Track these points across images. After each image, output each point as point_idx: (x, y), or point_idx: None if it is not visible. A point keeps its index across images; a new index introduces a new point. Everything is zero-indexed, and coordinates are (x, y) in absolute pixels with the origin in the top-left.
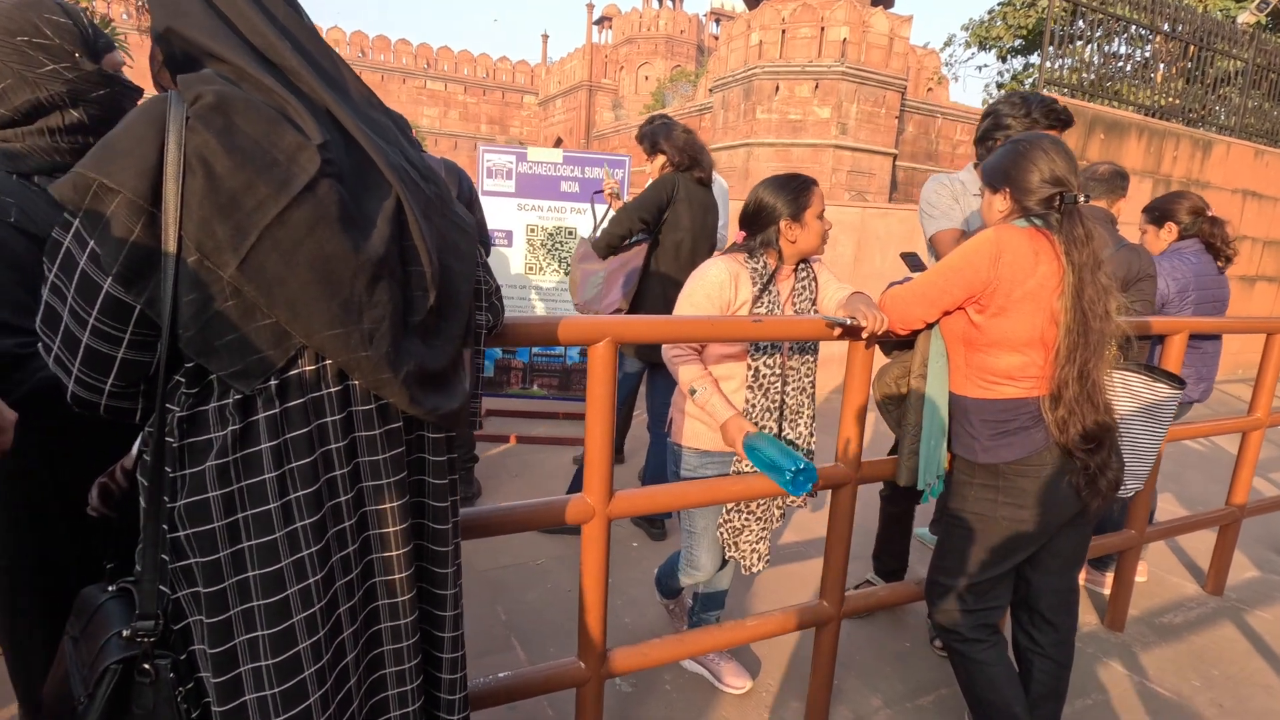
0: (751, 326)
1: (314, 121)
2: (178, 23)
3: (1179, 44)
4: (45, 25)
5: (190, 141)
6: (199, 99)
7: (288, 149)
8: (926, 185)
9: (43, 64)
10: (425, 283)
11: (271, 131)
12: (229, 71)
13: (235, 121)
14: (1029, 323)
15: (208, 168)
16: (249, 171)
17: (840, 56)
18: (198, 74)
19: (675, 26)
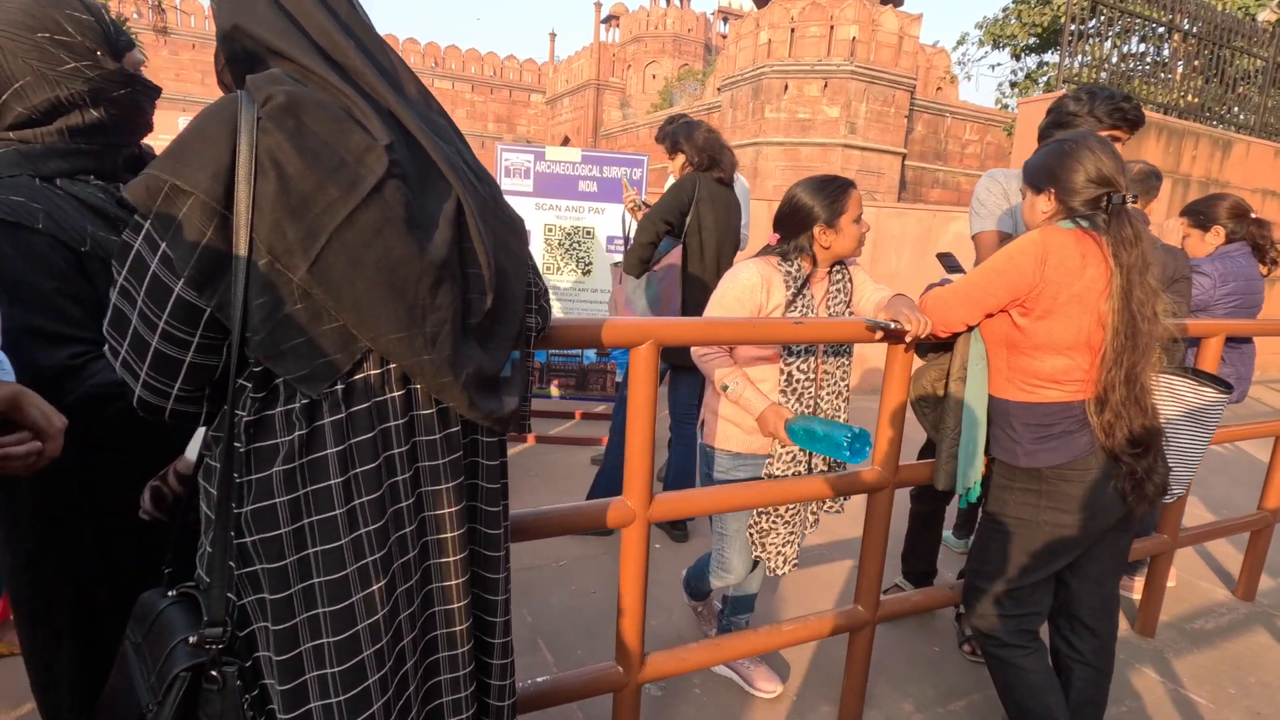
0: (792, 328)
1: (379, 122)
2: (245, 19)
3: (1197, 42)
4: (67, 22)
5: (262, 143)
6: (270, 99)
7: (356, 150)
8: (980, 181)
9: (64, 61)
10: (484, 285)
11: (340, 132)
12: (295, 71)
13: (305, 122)
14: (1075, 326)
15: (280, 169)
16: (320, 173)
17: (849, 55)
18: (267, 74)
19: (683, 25)
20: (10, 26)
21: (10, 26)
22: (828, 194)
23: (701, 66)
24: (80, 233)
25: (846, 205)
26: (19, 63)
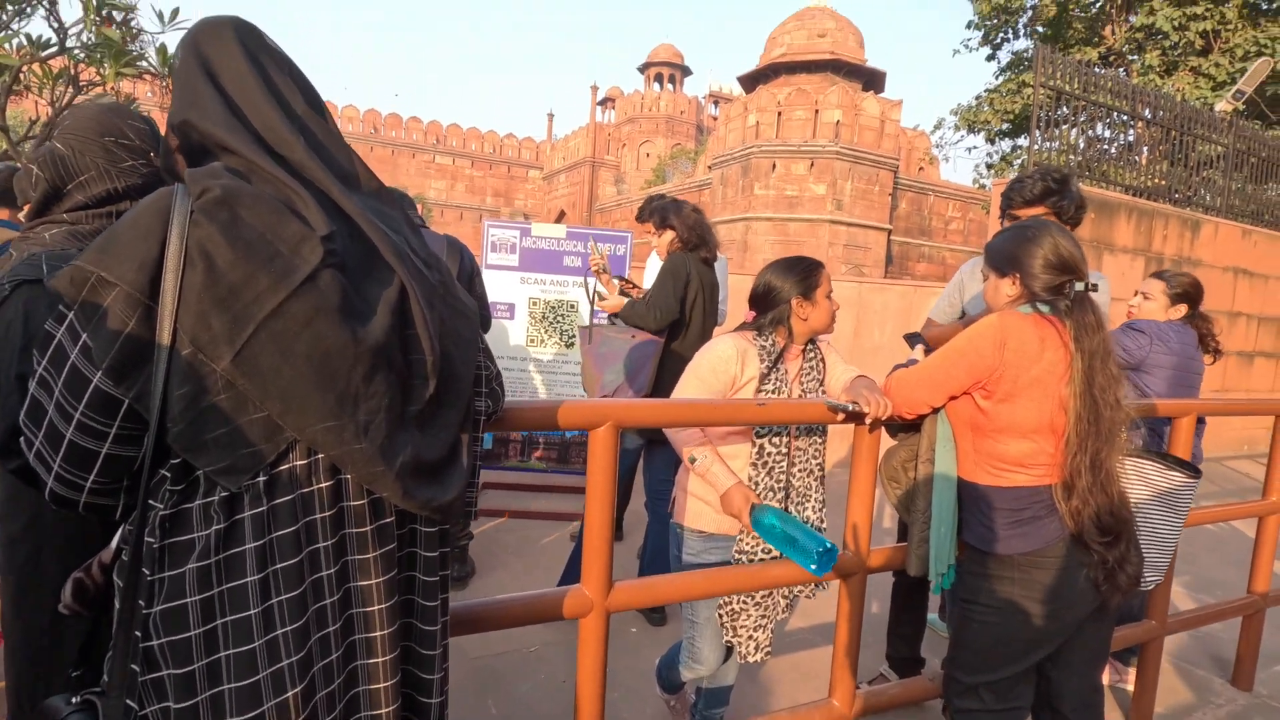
0: (755, 410)
1: (320, 212)
2: (194, 115)
3: (1160, 129)
4: (128, 129)
5: (193, 234)
6: (206, 192)
7: (291, 240)
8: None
9: (123, 160)
10: (426, 371)
11: (276, 223)
12: (239, 163)
13: (240, 214)
14: (1037, 409)
15: (209, 260)
16: (251, 263)
17: (834, 137)
18: (206, 168)
19: (675, 107)
20: (82, 130)
21: (82, 130)
22: (801, 270)
23: (693, 145)
24: None
25: (820, 280)
26: (85, 160)
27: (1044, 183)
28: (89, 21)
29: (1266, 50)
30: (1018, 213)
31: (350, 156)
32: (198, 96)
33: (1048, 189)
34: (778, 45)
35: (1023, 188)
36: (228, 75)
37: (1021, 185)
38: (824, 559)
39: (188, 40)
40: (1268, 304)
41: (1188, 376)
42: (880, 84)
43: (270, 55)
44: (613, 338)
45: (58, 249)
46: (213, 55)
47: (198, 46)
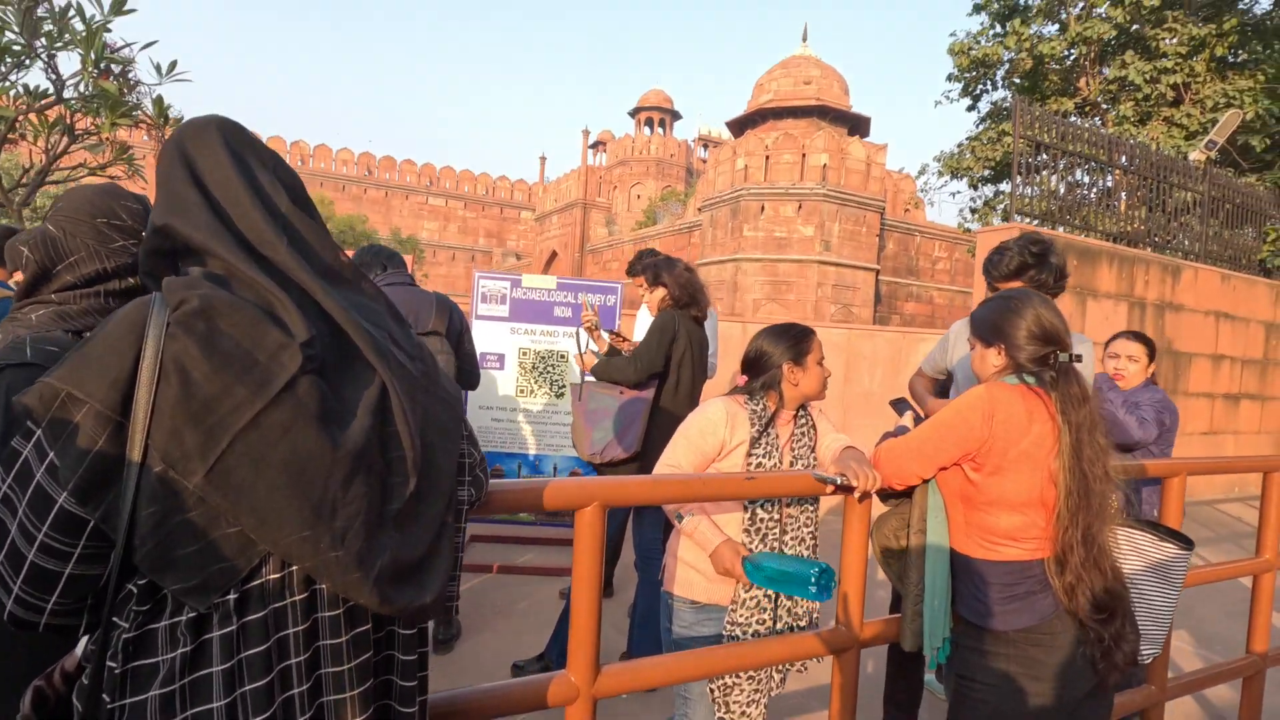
0: (745, 484)
1: (300, 317)
2: (176, 220)
3: (1137, 176)
4: (121, 209)
5: (169, 348)
6: (183, 304)
7: (270, 348)
8: (957, 323)
9: (114, 240)
10: (406, 468)
11: (255, 331)
12: (220, 267)
13: (218, 325)
14: (1027, 482)
15: (184, 374)
16: (228, 375)
17: (821, 180)
18: (184, 278)
19: (665, 151)
20: (75, 212)
21: (75, 212)
22: (792, 336)
23: (683, 188)
24: None
25: (810, 347)
26: (77, 241)
27: (1021, 257)
28: (87, 75)
29: (1235, 102)
30: (998, 285)
31: (334, 251)
32: (181, 200)
33: (1024, 264)
34: (765, 92)
35: (1001, 261)
36: (213, 177)
37: (1000, 259)
38: (822, 583)
39: (173, 142)
40: (1249, 347)
41: (1174, 434)
42: (865, 129)
43: (255, 153)
44: (602, 395)
45: (43, 331)
46: (198, 157)
47: (183, 149)
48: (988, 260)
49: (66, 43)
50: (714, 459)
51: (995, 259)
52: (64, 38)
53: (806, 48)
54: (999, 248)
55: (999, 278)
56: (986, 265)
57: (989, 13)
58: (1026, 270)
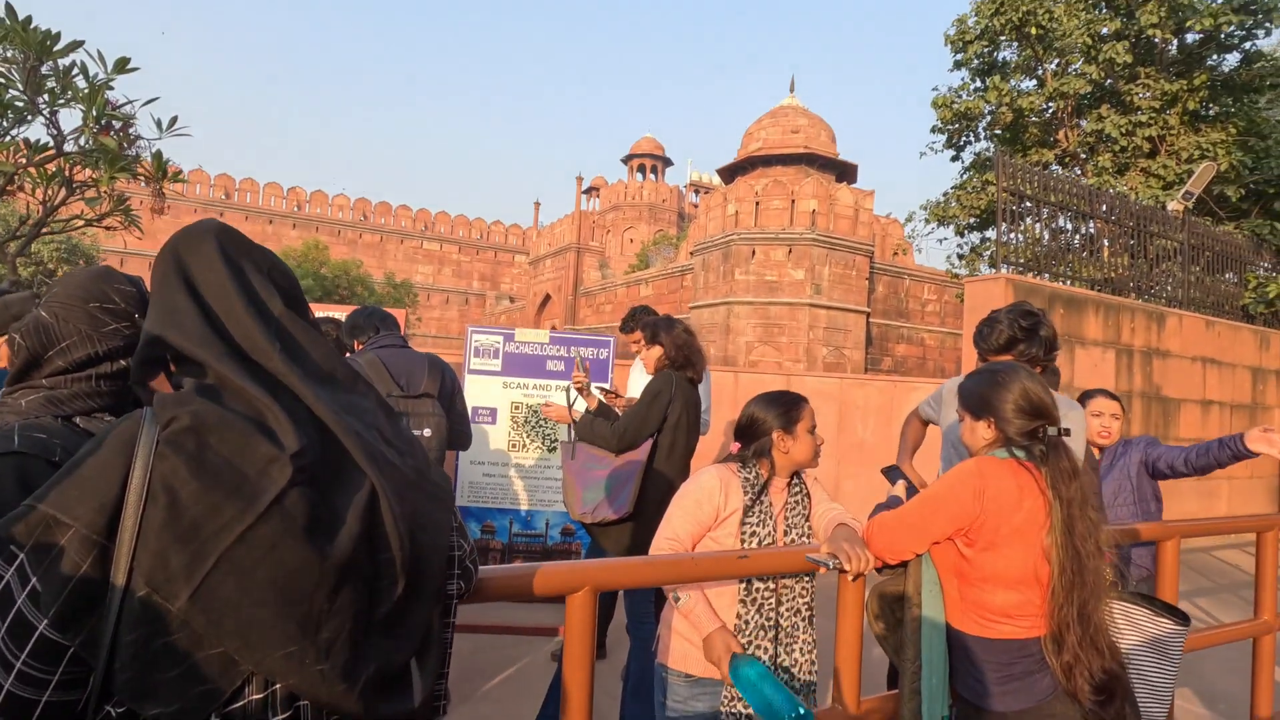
0: (739, 564)
1: (291, 426)
2: (169, 331)
3: (1117, 225)
4: (114, 293)
5: (158, 469)
6: (174, 422)
7: (260, 462)
8: (950, 380)
9: (107, 324)
10: (395, 571)
11: (245, 447)
12: (212, 377)
13: (208, 441)
14: (1020, 559)
15: (172, 495)
16: (216, 493)
17: (810, 225)
18: (176, 394)
19: (658, 196)
20: (69, 298)
21: (69, 298)
22: (783, 404)
23: (675, 232)
24: None
25: (801, 415)
26: (69, 326)
27: (1010, 331)
28: (88, 130)
29: (1209, 154)
30: (988, 357)
31: (327, 353)
32: (175, 310)
33: (1013, 338)
34: (754, 140)
35: (991, 334)
36: (207, 285)
37: (990, 331)
38: None
39: (169, 251)
40: (1237, 392)
41: None
42: (852, 175)
43: (250, 259)
44: (594, 455)
45: (33, 417)
46: (193, 265)
47: (179, 257)
48: (977, 332)
49: (69, 100)
50: (710, 527)
51: (985, 331)
52: (66, 95)
53: (794, 98)
54: (989, 319)
55: (989, 350)
56: (976, 337)
57: (969, 69)
58: (1016, 344)
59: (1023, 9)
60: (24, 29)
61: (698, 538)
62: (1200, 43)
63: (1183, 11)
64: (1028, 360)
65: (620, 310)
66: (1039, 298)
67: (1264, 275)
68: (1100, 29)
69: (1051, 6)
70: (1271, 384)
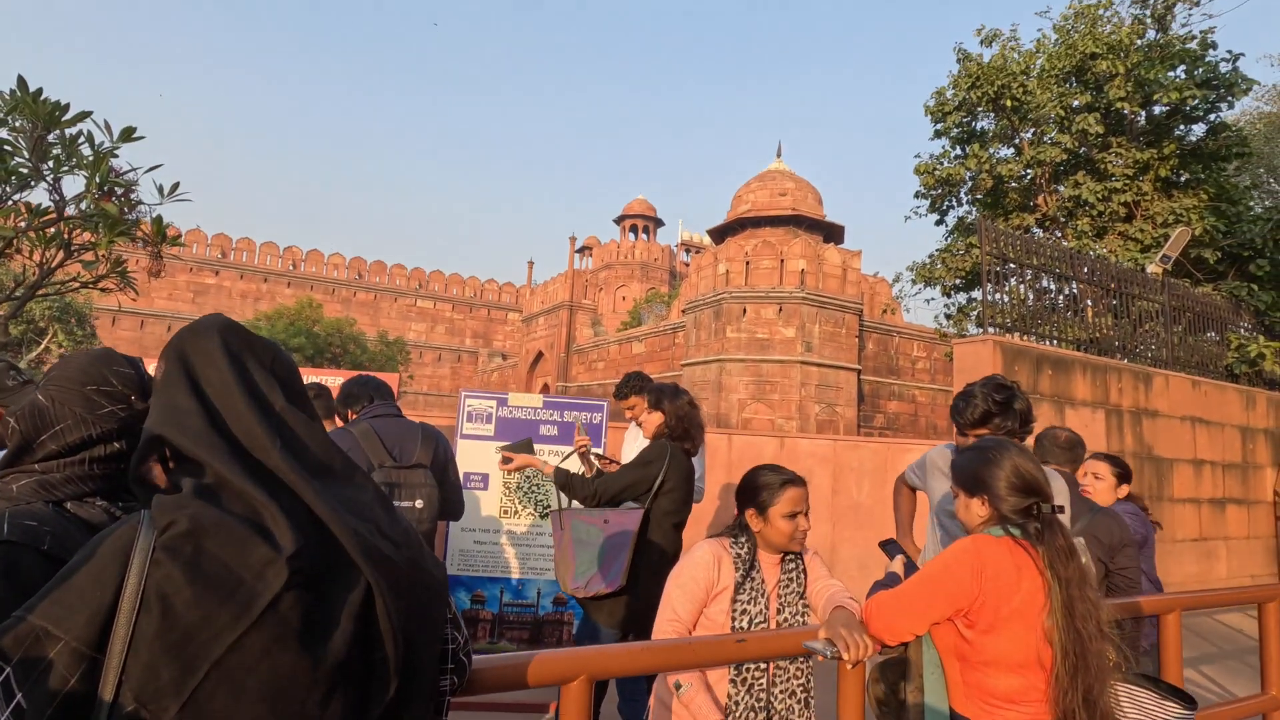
0: (735, 647)
1: (289, 526)
2: (170, 430)
3: (1099, 287)
4: (112, 375)
5: (153, 576)
6: (171, 526)
7: (256, 566)
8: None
9: (102, 407)
10: (389, 672)
11: (242, 550)
12: (211, 476)
13: (205, 546)
14: (1022, 642)
15: (166, 604)
16: (211, 600)
17: (800, 284)
18: (174, 497)
19: (649, 255)
20: (66, 381)
21: (66, 381)
22: (764, 482)
23: (667, 290)
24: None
25: (775, 500)
26: (64, 409)
27: (985, 405)
28: (90, 196)
29: (1183, 219)
30: (967, 432)
31: (326, 445)
32: (176, 409)
33: (988, 412)
34: (743, 202)
35: (967, 409)
36: (210, 383)
37: (966, 406)
38: None
39: (174, 347)
40: (1227, 451)
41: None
42: (839, 236)
43: (253, 354)
44: (585, 524)
45: (24, 502)
46: (197, 363)
47: (183, 354)
48: (953, 407)
49: (73, 167)
50: (706, 603)
51: (961, 406)
52: (71, 162)
53: (781, 162)
54: (964, 394)
55: (966, 425)
56: (953, 412)
57: (949, 137)
58: (991, 418)
59: (998, 83)
60: (34, 100)
61: (697, 615)
62: (1167, 115)
63: (1149, 86)
64: (1005, 433)
65: (613, 367)
66: (1027, 359)
67: (1245, 335)
68: (1072, 101)
69: (1025, 81)
70: (1260, 443)
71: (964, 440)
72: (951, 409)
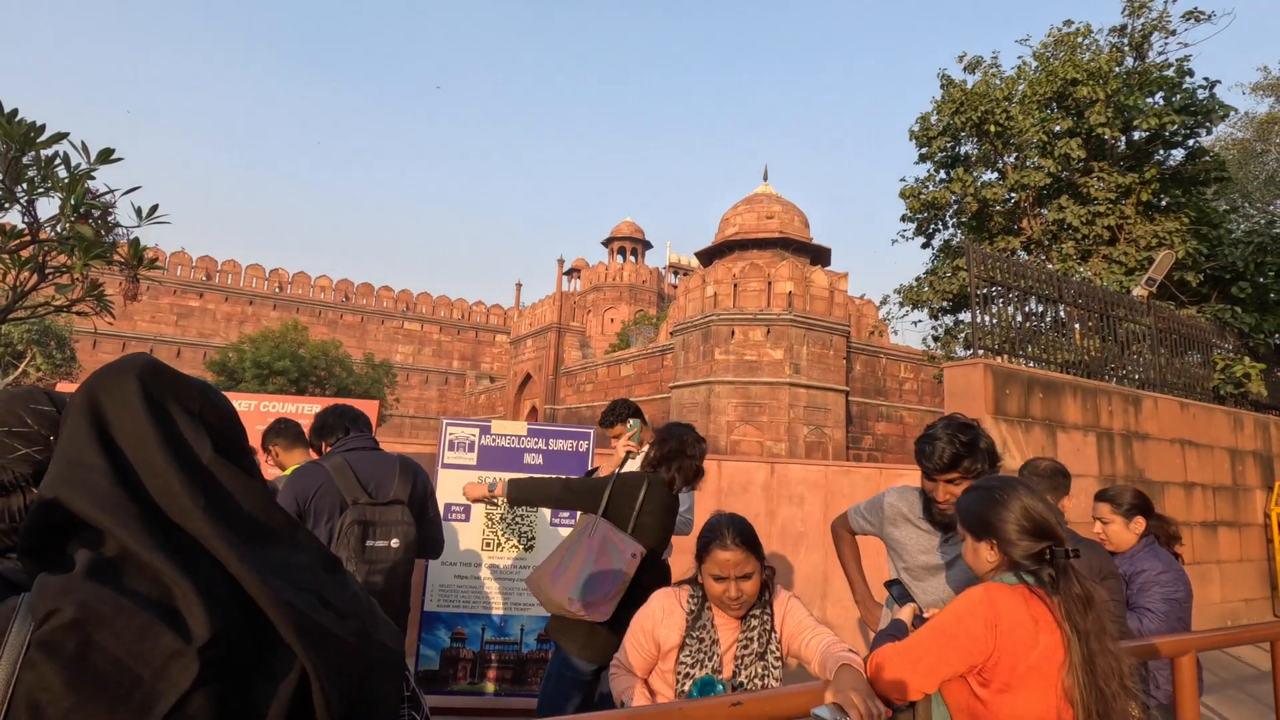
0: (730, 710)
1: (203, 609)
2: (68, 494)
3: (1085, 310)
4: (28, 415)
5: (24, 680)
6: (51, 616)
7: (158, 660)
8: (888, 492)
9: (15, 449)
10: None
11: (140, 642)
12: (113, 549)
13: (94, 639)
14: (1041, 702)
15: (37, 715)
16: (95, 708)
17: (787, 306)
18: (61, 579)
19: (638, 277)
20: None
21: None
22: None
23: (655, 312)
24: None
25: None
26: None
27: (952, 447)
28: (65, 219)
29: (1166, 242)
30: (937, 478)
31: (264, 503)
32: (79, 467)
33: (956, 454)
34: (730, 225)
35: (933, 453)
36: (124, 433)
37: (932, 450)
38: None
39: (83, 394)
40: (1217, 473)
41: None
42: (826, 259)
43: (178, 399)
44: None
45: None
46: (110, 411)
47: (94, 401)
48: (919, 450)
49: (49, 189)
50: (656, 658)
51: (927, 450)
52: (46, 184)
53: (767, 185)
54: (927, 437)
55: (935, 470)
56: (919, 456)
57: (933, 161)
58: (960, 461)
59: (981, 109)
60: (9, 121)
61: (648, 667)
62: (1147, 140)
63: (1128, 112)
64: (973, 476)
65: (601, 390)
66: (1017, 381)
67: (1230, 357)
68: (1054, 127)
69: (1008, 106)
70: (1249, 465)
71: (931, 485)
72: (916, 453)
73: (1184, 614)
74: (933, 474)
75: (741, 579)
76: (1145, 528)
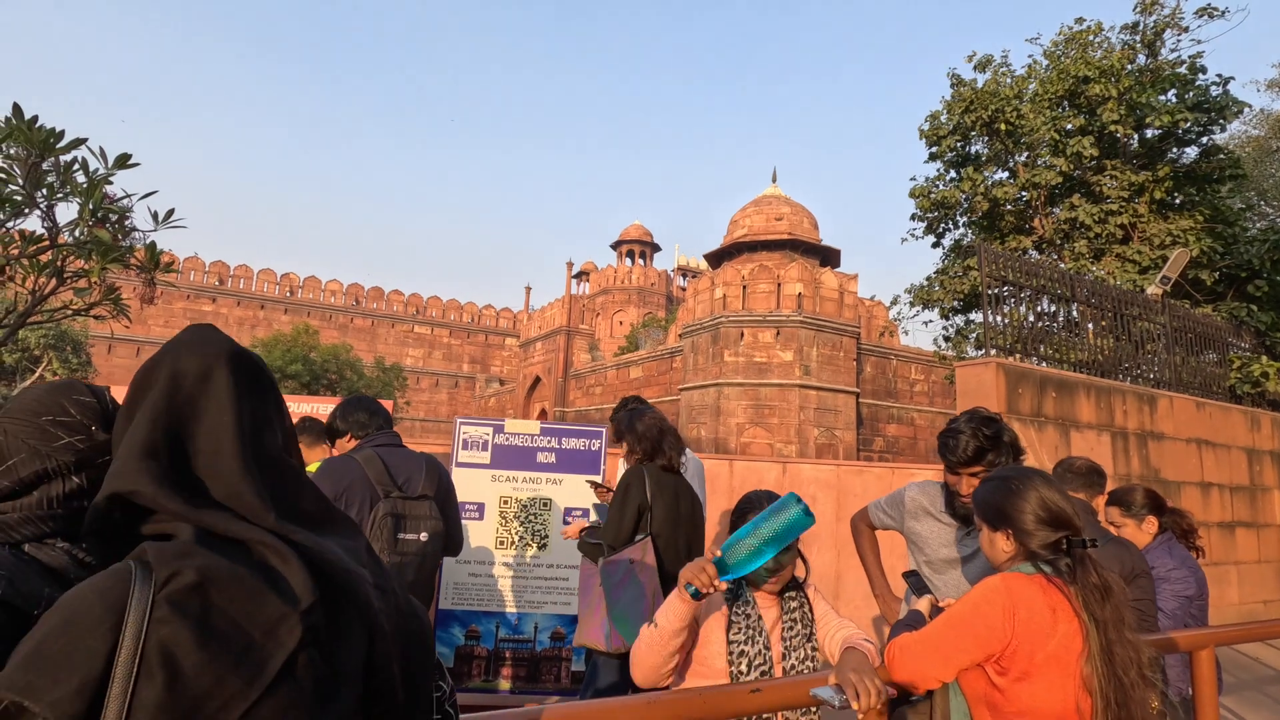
0: (750, 697)
1: (305, 576)
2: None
3: (1098, 309)
4: (71, 405)
5: (156, 635)
6: (174, 577)
7: (268, 623)
8: (911, 487)
9: (59, 438)
10: None
11: (253, 605)
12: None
13: (215, 602)
14: (1060, 691)
15: (173, 669)
16: (222, 664)
17: (797, 308)
18: (175, 545)
19: (646, 280)
20: (21, 413)
21: (21, 413)
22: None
23: (664, 314)
24: (36, 597)
25: None
26: (17, 443)
27: (976, 441)
28: (83, 223)
29: (1179, 240)
30: (960, 470)
31: (317, 495)
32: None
33: (980, 448)
34: (739, 227)
35: (957, 447)
36: (206, 428)
37: (955, 444)
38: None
39: (167, 371)
40: (1234, 473)
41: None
42: (836, 260)
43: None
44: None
45: None
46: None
47: (177, 375)
48: (942, 444)
49: (67, 194)
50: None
51: (951, 444)
52: (65, 189)
53: (776, 187)
54: (950, 431)
55: (959, 464)
56: (942, 450)
57: (944, 161)
58: (984, 455)
59: (991, 108)
60: (29, 128)
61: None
62: (1160, 138)
63: (1141, 110)
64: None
65: (610, 392)
66: (1030, 381)
67: (1246, 356)
68: (1065, 125)
69: (1019, 105)
70: (1267, 464)
71: (954, 479)
72: (940, 447)
73: (1197, 610)
74: (956, 467)
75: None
76: (1159, 526)
